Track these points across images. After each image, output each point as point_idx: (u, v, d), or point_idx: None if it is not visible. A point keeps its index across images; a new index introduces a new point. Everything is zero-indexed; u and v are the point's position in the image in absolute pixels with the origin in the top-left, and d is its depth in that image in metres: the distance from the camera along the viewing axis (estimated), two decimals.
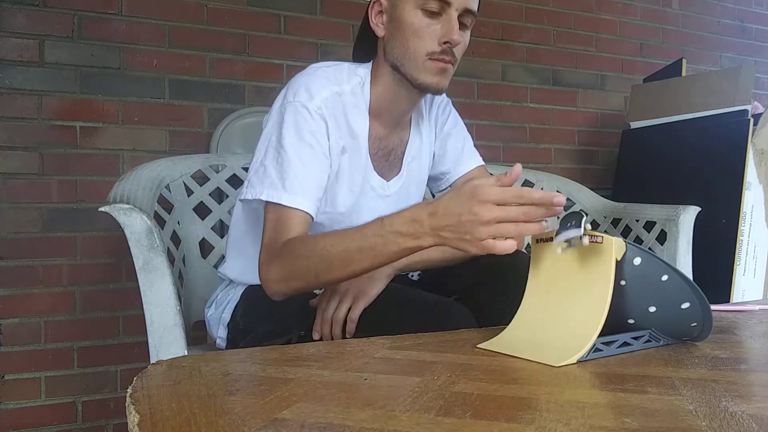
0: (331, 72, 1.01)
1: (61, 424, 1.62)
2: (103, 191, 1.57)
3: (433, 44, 0.94)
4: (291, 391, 0.52)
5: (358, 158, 1.03)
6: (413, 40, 0.95)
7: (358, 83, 1.02)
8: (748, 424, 0.44)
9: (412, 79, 0.97)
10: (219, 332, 1.12)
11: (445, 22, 0.93)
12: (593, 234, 0.66)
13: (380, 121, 1.05)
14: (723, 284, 1.76)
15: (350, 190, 1.03)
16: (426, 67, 0.96)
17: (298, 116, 0.94)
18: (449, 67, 0.97)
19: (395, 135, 1.09)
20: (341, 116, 0.99)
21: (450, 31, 0.93)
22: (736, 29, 2.72)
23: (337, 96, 0.99)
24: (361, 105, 1.02)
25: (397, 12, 0.96)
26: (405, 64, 0.97)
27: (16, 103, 1.58)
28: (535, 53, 2.29)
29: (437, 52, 0.94)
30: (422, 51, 0.95)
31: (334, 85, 0.99)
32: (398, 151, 1.10)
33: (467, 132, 1.21)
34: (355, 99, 1.01)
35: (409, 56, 0.96)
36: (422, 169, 1.16)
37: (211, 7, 1.79)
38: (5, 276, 1.57)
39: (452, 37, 0.93)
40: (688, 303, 0.66)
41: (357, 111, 1.01)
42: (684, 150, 1.94)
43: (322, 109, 0.96)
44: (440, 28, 0.94)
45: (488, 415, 0.46)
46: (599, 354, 0.65)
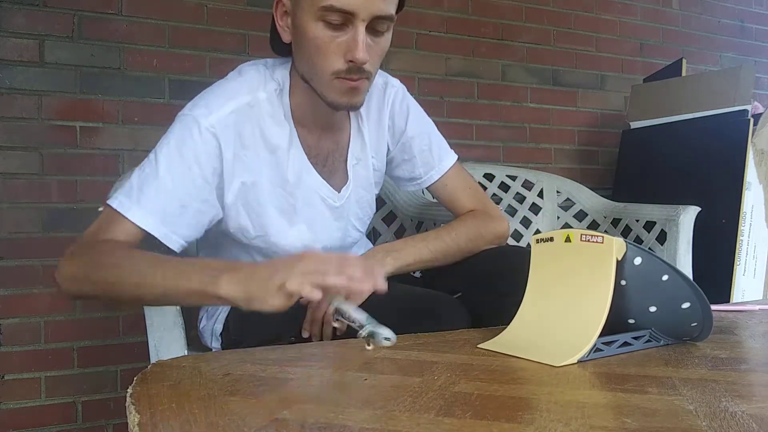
0: (241, 82, 0.92)
1: (61, 424, 1.62)
2: (103, 191, 1.57)
3: (339, 62, 0.83)
4: (291, 391, 0.52)
5: (278, 173, 0.94)
6: (316, 56, 0.84)
7: (274, 90, 0.93)
8: (748, 424, 0.44)
9: (321, 96, 0.88)
10: (212, 343, 1.11)
11: (350, 37, 0.81)
12: (594, 234, 0.66)
13: (307, 128, 0.97)
14: (723, 284, 1.75)
15: (275, 208, 0.96)
16: (333, 87, 0.85)
17: (185, 132, 0.86)
18: (360, 85, 0.86)
19: (328, 139, 1.00)
20: (252, 131, 0.91)
21: (355, 47, 0.81)
22: (736, 29, 2.72)
23: (248, 108, 0.90)
24: (278, 114, 0.93)
25: (298, 20, 0.84)
26: (313, 80, 0.87)
27: (16, 103, 1.58)
28: (535, 53, 2.29)
29: (343, 70, 0.83)
30: (327, 70, 0.84)
31: (244, 96, 0.90)
32: (336, 155, 1.02)
33: (432, 126, 1.13)
34: (272, 108, 0.92)
35: (315, 73, 0.86)
36: (369, 171, 1.07)
37: (211, 7, 1.79)
38: (5, 276, 1.57)
39: (356, 56, 0.81)
40: (689, 303, 0.66)
41: (273, 121, 0.92)
42: (684, 150, 1.94)
43: (215, 127, 0.87)
44: (345, 42, 0.82)
45: (488, 415, 0.46)
46: (600, 354, 0.65)
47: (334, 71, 0.84)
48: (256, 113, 0.91)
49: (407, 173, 1.14)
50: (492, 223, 1.09)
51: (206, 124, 0.87)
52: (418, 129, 1.10)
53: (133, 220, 0.84)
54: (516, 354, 0.66)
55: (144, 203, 0.84)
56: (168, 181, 0.85)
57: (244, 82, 0.93)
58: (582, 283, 0.67)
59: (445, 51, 2.11)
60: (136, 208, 0.84)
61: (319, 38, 0.82)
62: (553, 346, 0.65)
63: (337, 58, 0.83)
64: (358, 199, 1.07)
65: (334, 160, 1.02)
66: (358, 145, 1.05)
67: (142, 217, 0.84)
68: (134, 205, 0.84)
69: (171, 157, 0.86)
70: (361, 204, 1.08)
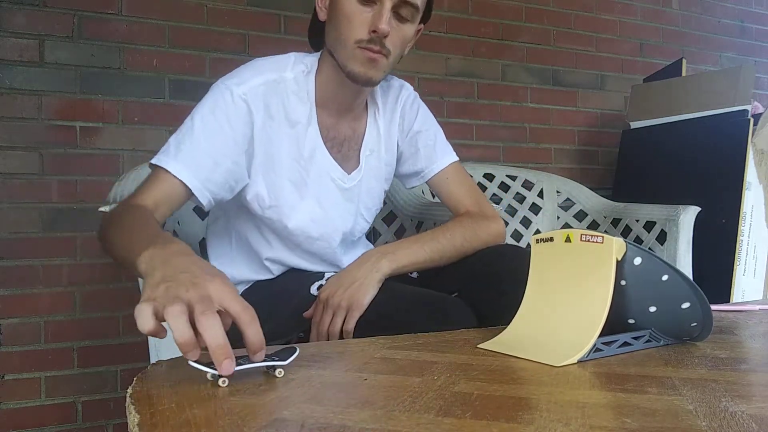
0: (272, 61, 1.00)
1: (61, 424, 1.62)
2: (103, 191, 1.57)
3: (363, 32, 0.92)
4: (291, 391, 0.52)
5: (297, 148, 1.00)
6: (345, 26, 0.93)
7: (302, 71, 1.00)
8: (748, 424, 0.44)
9: (342, 66, 0.95)
10: None
11: (377, 11, 0.91)
12: (594, 234, 0.66)
13: (327, 110, 1.03)
14: (723, 284, 1.75)
15: (289, 181, 1.01)
16: (354, 56, 0.93)
17: (218, 97, 0.94)
18: (379, 58, 0.94)
19: (345, 124, 1.06)
20: (276, 104, 0.97)
21: (378, 19, 0.90)
22: (736, 29, 2.72)
23: (275, 83, 0.97)
24: (302, 93, 1.00)
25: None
26: (338, 50, 0.95)
27: (16, 103, 1.58)
28: (535, 53, 2.29)
29: (365, 40, 0.92)
30: (351, 38, 0.93)
31: (273, 72, 0.98)
32: (352, 143, 1.08)
33: (438, 127, 1.19)
34: (297, 87, 0.99)
35: (340, 42, 0.94)
36: (381, 163, 1.13)
37: (211, 7, 1.79)
38: (5, 276, 1.57)
39: (379, 26, 0.90)
40: (689, 303, 0.66)
41: (298, 99, 0.99)
42: (684, 150, 1.94)
43: (247, 95, 0.94)
44: (371, 16, 0.91)
45: (488, 415, 0.46)
46: (600, 354, 0.65)
47: (357, 40, 0.92)
48: (282, 89, 0.98)
49: (411, 167, 1.17)
50: (487, 223, 1.10)
51: (238, 91, 0.94)
52: (425, 126, 1.16)
53: (169, 170, 0.88)
54: (516, 354, 0.65)
55: (180, 158, 0.89)
56: (202, 139, 0.91)
57: (274, 61, 1.01)
58: (582, 283, 0.67)
59: (445, 51, 2.11)
60: (173, 162, 0.89)
61: (350, 11, 0.92)
62: (553, 346, 0.65)
63: (362, 29, 0.92)
64: (368, 189, 1.11)
65: (349, 147, 1.07)
66: (373, 137, 1.10)
67: (178, 170, 0.89)
68: (171, 160, 0.89)
69: (205, 118, 0.92)
70: (371, 194, 1.13)
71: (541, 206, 1.99)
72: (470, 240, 1.06)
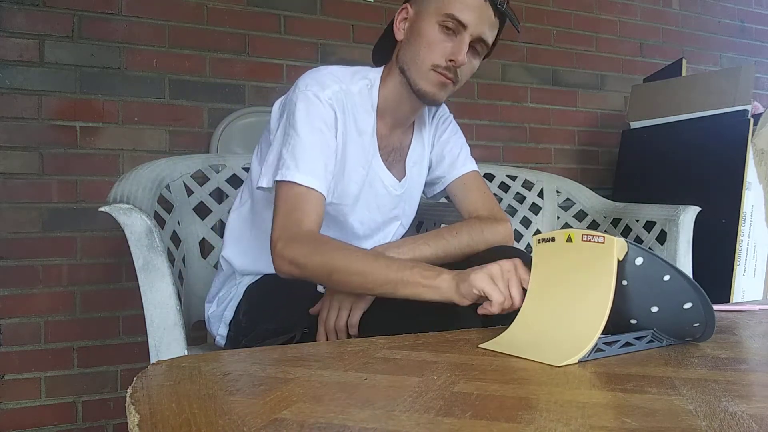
0: (339, 72, 1.05)
1: (61, 424, 1.62)
2: (103, 191, 1.57)
3: (440, 59, 0.98)
4: (291, 391, 0.52)
5: (363, 154, 1.06)
6: (424, 50, 0.99)
7: (366, 85, 1.06)
8: (748, 424, 0.44)
9: (413, 83, 1.01)
10: (219, 330, 1.13)
11: (457, 43, 0.98)
12: (596, 234, 0.66)
13: (383, 121, 1.09)
14: (723, 284, 1.75)
15: (355, 183, 1.06)
16: (428, 77, 1.00)
17: (309, 104, 0.99)
18: (449, 84, 1.01)
19: (395, 136, 1.12)
20: (349, 112, 1.03)
21: (458, 51, 0.97)
22: (736, 29, 2.72)
23: (345, 93, 1.02)
24: (367, 105, 1.05)
25: (419, 23, 1.00)
26: (411, 69, 1.01)
27: (16, 103, 1.58)
28: (535, 53, 2.29)
29: (441, 66, 0.98)
30: (428, 61, 0.99)
31: (343, 83, 1.03)
32: (398, 153, 1.13)
33: (465, 142, 1.24)
34: (362, 99, 1.05)
35: (416, 63, 1.00)
36: (422, 176, 1.19)
37: (211, 7, 1.79)
38: (5, 276, 1.57)
39: (458, 57, 0.97)
40: (691, 303, 0.66)
41: (363, 110, 1.05)
42: (684, 150, 1.94)
43: (332, 100, 1.00)
44: (451, 46, 0.98)
45: (488, 415, 0.46)
46: (601, 354, 0.65)
47: (434, 64, 0.99)
48: (351, 100, 1.04)
49: (433, 174, 1.22)
50: (495, 225, 1.11)
51: (324, 96, 1.00)
52: (453, 137, 1.22)
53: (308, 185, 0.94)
54: (516, 354, 0.65)
55: (302, 167, 0.95)
56: (311, 146, 0.97)
57: (341, 72, 1.05)
58: (583, 283, 0.67)
59: None
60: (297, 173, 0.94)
61: (432, 37, 0.99)
62: (554, 346, 0.65)
63: (440, 56, 0.98)
64: (410, 198, 1.17)
65: (394, 158, 1.13)
66: (418, 150, 1.16)
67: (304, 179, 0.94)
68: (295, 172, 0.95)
69: (306, 126, 0.98)
70: (412, 203, 1.19)
71: (541, 206, 1.99)
72: (476, 240, 1.07)
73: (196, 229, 1.44)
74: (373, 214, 1.11)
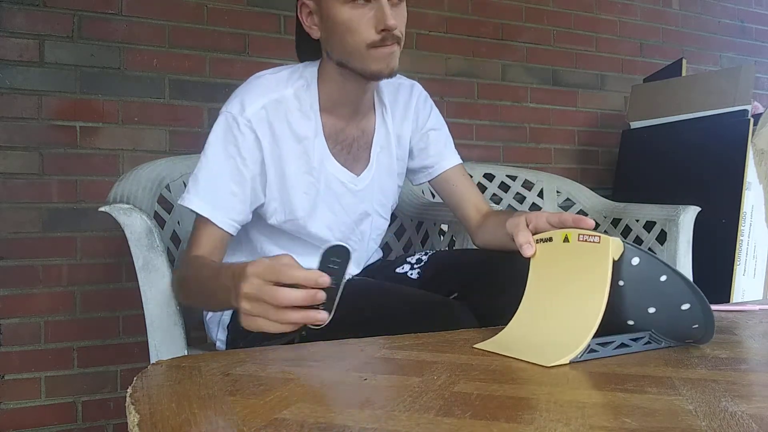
0: (271, 79, 1.01)
1: (61, 424, 1.62)
2: (103, 191, 1.57)
3: (371, 34, 0.91)
4: (291, 391, 0.52)
5: (306, 160, 1.02)
6: (349, 35, 0.92)
7: (302, 86, 1.01)
8: (748, 424, 0.44)
9: (361, 71, 0.95)
10: (218, 334, 1.12)
11: (377, 9, 0.90)
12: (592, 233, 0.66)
13: (335, 115, 1.04)
14: (723, 284, 1.75)
15: (305, 193, 1.03)
16: (372, 57, 0.93)
17: (225, 128, 0.97)
18: (395, 49, 0.94)
19: (353, 126, 1.07)
20: (281, 123, 0.99)
21: (384, 17, 0.89)
22: (736, 29, 2.72)
23: (277, 103, 0.98)
24: (305, 107, 1.01)
25: (325, 11, 0.93)
26: (350, 60, 0.95)
27: (16, 103, 1.58)
28: (535, 53, 2.29)
29: (378, 40, 0.91)
30: (362, 44, 0.92)
31: (273, 92, 0.99)
32: (361, 142, 1.09)
33: (448, 131, 1.22)
34: (299, 102, 1.00)
35: (351, 52, 0.93)
36: (393, 159, 1.14)
37: (211, 7, 1.79)
38: (5, 276, 1.57)
39: (388, 22, 0.89)
40: (689, 304, 0.65)
41: (301, 114, 1.01)
42: (684, 150, 1.94)
43: (251, 122, 0.96)
44: (373, 15, 0.90)
45: (488, 415, 0.46)
46: (594, 355, 0.64)
47: (369, 42, 0.92)
48: (284, 108, 0.99)
49: (419, 162, 1.19)
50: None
51: (243, 120, 0.96)
52: (437, 124, 1.19)
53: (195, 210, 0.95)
54: (509, 354, 0.65)
55: (201, 194, 0.96)
56: (216, 173, 0.97)
57: (272, 80, 1.01)
58: (579, 283, 0.67)
59: (445, 51, 2.11)
60: (196, 199, 0.96)
61: (348, 19, 0.91)
62: (547, 346, 0.64)
63: (369, 31, 0.91)
64: (381, 186, 1.13)
65: (358, 147, 1.08)
66: (382, 134, 1.11)
67: (200, 206, 0.95)
68: (194, 197, 0.96)
69: (216, 152, 0.97)
70: (385, 191, 1.14)
71: (541, 206, 1.99)
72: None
73: None
74: (340, 216, 1.08)
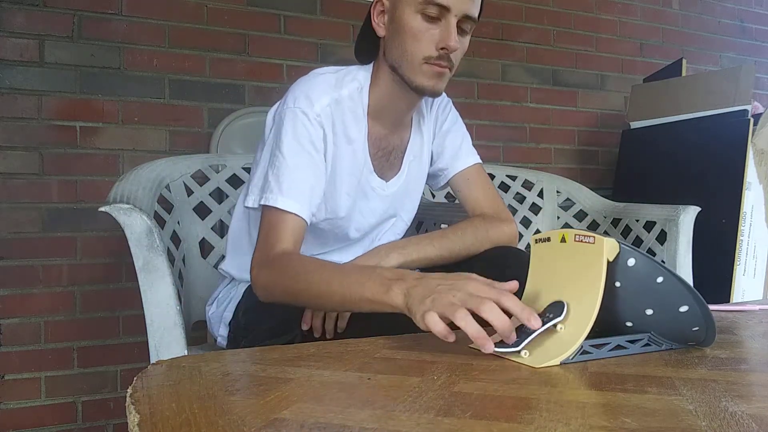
0: (331, 78, 1.01)
1: (61, 424, 1.62)
2: (103, 191, 1.57)
3: (431, 49, 0.94)
4: (291, 391, 0.52)
5: (355, 162, 1.04)
6: (411, 43, 0.95)
7: (356, 88, 1.02)
8: (748, 424, 0.44)
9: (408, 81, 0.98)
10: (220, 331, 1.13)
11: (443, 28, 0.94)
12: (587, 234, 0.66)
13: (380, 122, 1.06)
14: (723, 284, 1.75)
15: (347, 194, 1.05)
16: (422, 71, 0.96)
17: (297, 122, 0.96)
18: (446, 72, 0.97)
19: (396, 135, 1.10)
20: (339, 123, 1.00)
21: (447, 37, 0.93)
22: (736, 29, 2.72)
23: (336, 103, 1.00)
24: (358, 110, 1.02)
25: (398, 14, 0.96)
26: (402, 66, 0.97)
27: (16, 103, 1.58)
28: (535, 53, 2.29)
29: (434, 57, 0.95)
30: (419, 55, 0.95)
31: (334, 91, 1.00)
32: (399, 151, 1.11)
33: (466, 131, 1.21)
34: (353, 104, 1.02)
35: (406, 59, 0.96)
36: (422, 168, 1.16)
37: (211, 7, 1.79)
38: (5, 276, 1.57)
39: (449, 43, 0.93)
40: (687, 306, 0.64)
41: (353, 117, 1.02)
42: (684, 150, 1.94)
43: (321, 116, 0.97)
44: (438, 33, 0.94)
45: (488, 415, 0.46)
46: (588, 357, 0.63)
47: (426, 56, 0.95)
48: (341, 108, 1.00)
49: (436, 166, 1.19)
50: (500, 225, 1.11)
51: (313, 114, 0.97)
52: (454, 127, 1.19)
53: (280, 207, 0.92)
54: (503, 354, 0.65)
55: (289, 194, 0.93)
56: (296, 170, 0.95)
57: (333, 78, 1.02)
58: (574, 284, 0.66)
59: None
60: (281, 198, 0.93)
61: (416, 28, 0.94)
62: (540, 347, 0.64)
63: (430, 46, 0.94)
64: (407, 193, 1.14)
65: (396, 156, 1.10)
66: (417, 144, 1.13)
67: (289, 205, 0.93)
68: (279, 197, 0.93)
69: (292, 147, 0.96)
70: (411, 197, 1.16)
71: (541, 206, 1.99)
72: (481, 240, 1.07)
73: (196, 229, 1.44)
74: (368, 218, 1.10)
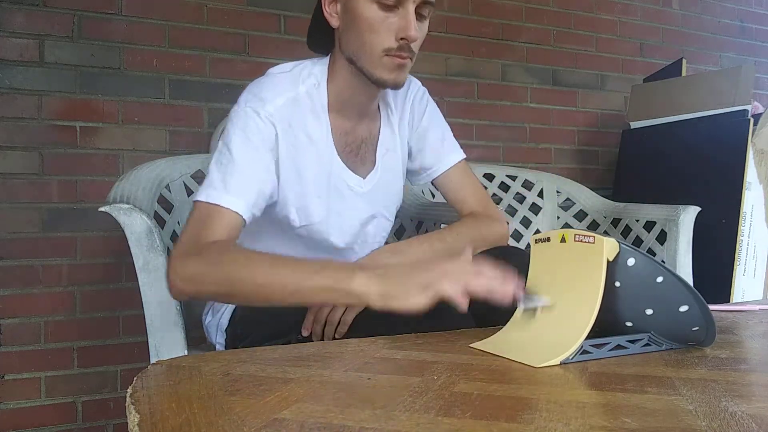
0: (287, 77, 0.98)
1: (61, 424, 1.62)
2: (103, 191, 1.57)
3: (390, 40, 0.90)
4: (291, 391, 0.52)
5: (320, 162, 1.00)
6: (368, 35, 0.90)
7: (313, 84, 0.98)
8: (748, 424, 0.44)
9: (368, 74, 0.93)
10: (217, 338, 1.12)
11: (402, 17, 0.89)
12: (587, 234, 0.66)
13: (343, 116, 1.02)
14: (723, 284, 1.75)
15: (318, 197, 1.01)
16: (383, 64, 0.92)
17: (247, 120, 0.93)
18: (407, 62, 0.93)
19: (362, 127, 1.05)
20: (298, 122, 0.96)
21: (407, 26, 0.88)
22: (736, 29, 2.72)
23: (293, 102, 0.96)
24: (317, 107, 0.98)
25: (351, 3, 0.91)
26: (361, 59, 0.93)
27: (16, 103, 1.58)
28: (535, 53, 2.29)
29: (394, 48, 0.90)
30: (378, 47, 0.90)
31: (290, 90, 0.96)
32: (368, 144, 1.07)
33: (445, 122, 1.18)
34: (311, 101, 0.98)
35: (364, 51, 0.92)
36: (397, 161, 1.13)
37: (211, 7, 1.79)
38: (5, 276, 1.57)
39: (409, 33, 0.88)
40: (687, 306, 0.64)
41: (313, 114, 0.98)
42: (684, 150, 1.94)
43: (273, 116, 0.93)
44: (397, 22, 0.89)
45: (488, 415, 0.46)
46: (588, 356, 0.63)
47: (385, 48, 0.90)
48: (299, 108, 0.97)
49: (418, 164, 1.17)
50: (494, 225, 1.11)
51: (264, 113, 0.93)
52: (434, 122, 1.15)
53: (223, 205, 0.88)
54: (502, 354, 0.65)
55: (231, 190, 0.89)
56: (244, 167, 0.91)
57: (288, 76, 0.98)
58: (574, 284, 0.66)
59: (445, 51, 2.11)
60: (225, 196, 0.88)
61: (372, 18, 0.89)
62: (540, 347, 0.64)
63: (389, 37, 0.90)
64: (386, 187, 1.11)
65: (366, 149, 1.06)
66: (388, 135, 1.09)
67: (231, 203, 0.88)
68: (223, 194, 0.88)
69: (240, 146, 0.92)
70: (389, 192, 1.12)
71: (541, 206, 1.99)
72: (477, 241, 1.06)
73: None
74: (347, 219, 1.06)
